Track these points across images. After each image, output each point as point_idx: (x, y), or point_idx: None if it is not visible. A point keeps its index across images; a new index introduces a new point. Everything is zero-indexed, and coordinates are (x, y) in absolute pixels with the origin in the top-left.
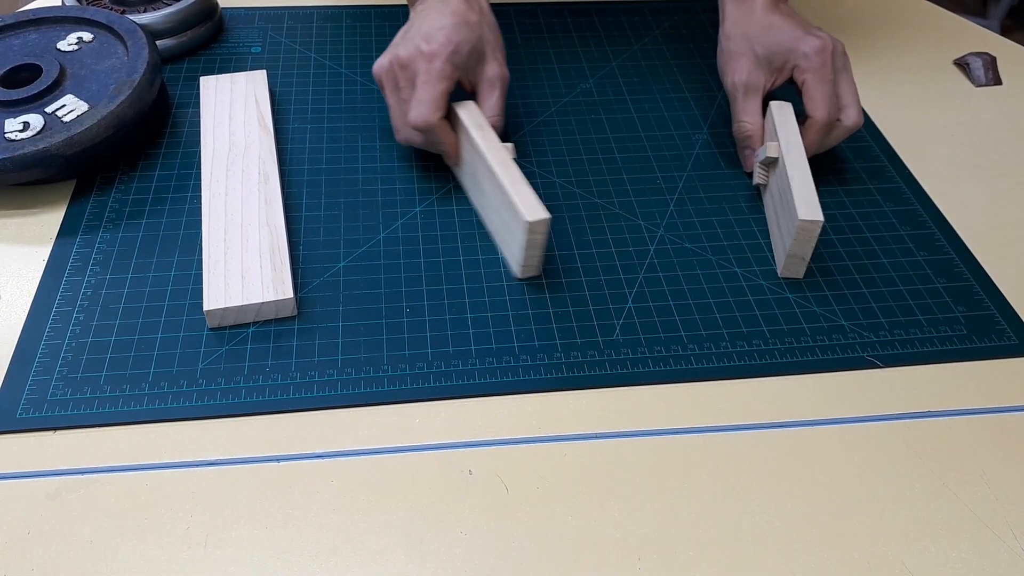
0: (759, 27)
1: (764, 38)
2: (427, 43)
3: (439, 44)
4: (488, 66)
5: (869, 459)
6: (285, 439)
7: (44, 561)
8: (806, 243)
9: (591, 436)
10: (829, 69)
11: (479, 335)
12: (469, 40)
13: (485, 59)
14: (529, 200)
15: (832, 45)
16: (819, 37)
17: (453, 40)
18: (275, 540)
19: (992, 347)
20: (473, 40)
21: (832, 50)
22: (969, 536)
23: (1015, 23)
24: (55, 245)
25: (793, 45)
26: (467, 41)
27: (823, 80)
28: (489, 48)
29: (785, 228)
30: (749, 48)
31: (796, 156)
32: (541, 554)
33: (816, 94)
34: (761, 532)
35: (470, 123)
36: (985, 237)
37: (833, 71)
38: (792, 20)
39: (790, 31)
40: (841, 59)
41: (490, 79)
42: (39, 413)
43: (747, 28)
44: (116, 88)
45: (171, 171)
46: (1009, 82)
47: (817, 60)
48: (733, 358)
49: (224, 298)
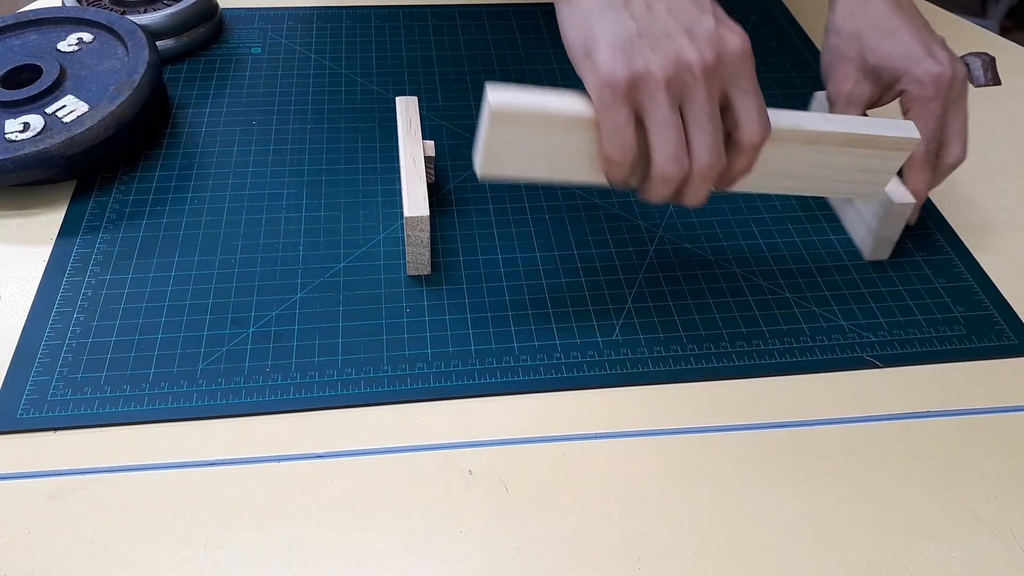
0: (876, 28)
1: (879, 44)
2: (728, 29)
3: (738, 28)
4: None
5: (869, 459)
6: (285, 439)
7: (44, 561)
8: (897, 225)
9: (591, 436)
10: (941, 103)
11: (479, 335)
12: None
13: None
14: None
15: (952, 72)
16: (939, 61)
17: (722, 11)
18: (275, 540)
19: (991, 347)
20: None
21: (951, 79)
22: (969, 536)
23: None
24: (55, 245)
25: (908, 65)
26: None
27: (930, 115)
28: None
29: (868, 213)
30: (859, 53)
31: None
32: (541, 554)
33: (921, 130)
34: (761, 532)
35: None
36: (984, 237)
37: (945, 102)
38: (913, 26)
39: (910, 44)
40: (959, 87)
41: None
42: (39, 413)
43: (860, 25)
44: (116, 89)
45: (171, 171)
46: (1008, 82)
47: (931, 90)
48: (733, 358)
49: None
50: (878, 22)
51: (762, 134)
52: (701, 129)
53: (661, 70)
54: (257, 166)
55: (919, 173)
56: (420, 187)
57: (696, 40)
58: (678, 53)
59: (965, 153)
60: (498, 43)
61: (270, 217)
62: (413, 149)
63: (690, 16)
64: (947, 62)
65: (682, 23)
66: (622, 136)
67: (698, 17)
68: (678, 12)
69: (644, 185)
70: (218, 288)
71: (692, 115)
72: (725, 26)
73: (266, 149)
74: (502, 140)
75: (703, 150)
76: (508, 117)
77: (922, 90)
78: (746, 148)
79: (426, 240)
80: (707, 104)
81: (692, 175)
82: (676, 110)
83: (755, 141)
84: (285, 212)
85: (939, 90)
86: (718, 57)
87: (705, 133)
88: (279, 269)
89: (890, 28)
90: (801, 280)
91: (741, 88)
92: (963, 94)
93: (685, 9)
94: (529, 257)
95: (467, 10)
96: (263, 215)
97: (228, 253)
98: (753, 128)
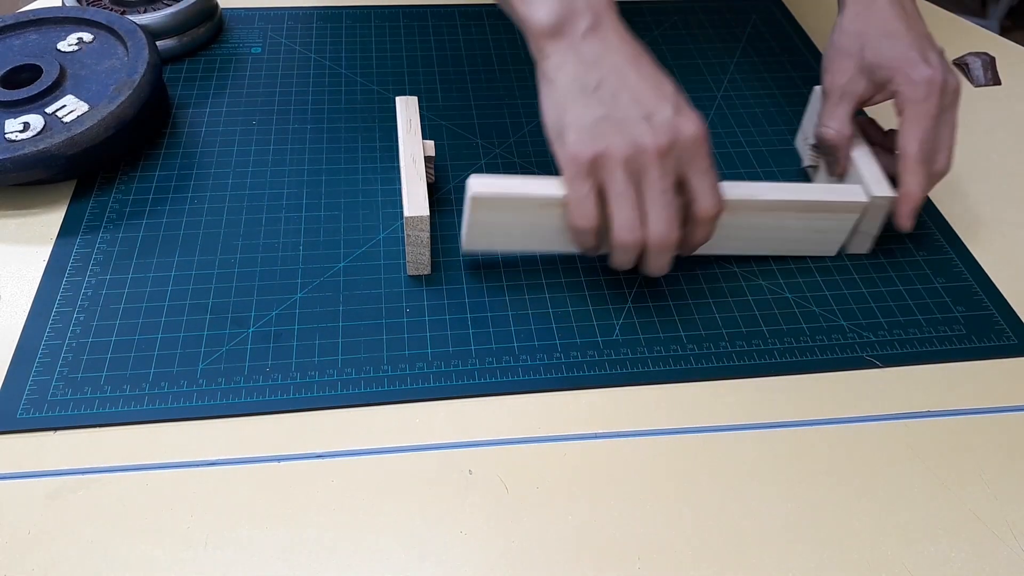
0: (877, 30)
1: (879, 44)
2: (684, 118)
3: (694, 116)
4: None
5: (869, 459)
6: (285, 439)
7: (44, 561)
8: (876, 219)
9: (591, 436)
10: (935, 104)
11: (479, 335)
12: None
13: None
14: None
15: (944, 79)
16: (932, 66)
17: (683, 99)
18: (275, 540)
19: (991, 347)
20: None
21: (943, 84)
22: (969, 536)
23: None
24: (55, 245)
25: (903, 66)
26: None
27: (925, 115)
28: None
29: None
30: (859, 50)
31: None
32: (541, 554)
33: (913, 130)
34: (761, 532)
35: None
36: (984, 237)
37: (938, 107)
38: (914, 33)
39: (907, 48)
40: (950, 97)
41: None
42: (39, 413)
43: (864, 26)
44: (116, 88)
45: (171, 171)
46: (1008, 82)
47: (923, 92)
48: (732, 358)
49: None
50: (881, 25)
51: (715, 208)
52: (654, 203)
53: (620, 151)
54: (257, 166)
55: (913, 174)
56: (420, 187)
57: (654, 126)
58: (636, 137)
59: (950, 164)
60: (498, 43)
61: (270, 217)
62: (413, 149)
63: (651, 104)
64: (940, 68)
65: (643, 110)
66: (584, 206)
67: (657, 105)
68: (641, 100)
69: (610, 253)
70: (218, 288)
71: (647, 191)
72: (682, 114)
73: (266, 149)
74: (483, 221)
75: (656, 222)
76: (486, 201)
77: (915, 91)
78: (702, 220)
79: (426, 240)
80: (659, 182)
81: (649, 244)
82: (632, 186)
83: (709, 214)
84: (285, 212)
85: (931, 93)
86: (672, 141)
87: (657, 207)
88: (279, 269)
89: (891, 31)
90: (801, 280)
91: (696, 168)
92: (954, 104)
93: (647, 98)
94: (529, 257)
95: (467, 10)
96: (263, 215)
97: (228, 253)
98: (707, 203)
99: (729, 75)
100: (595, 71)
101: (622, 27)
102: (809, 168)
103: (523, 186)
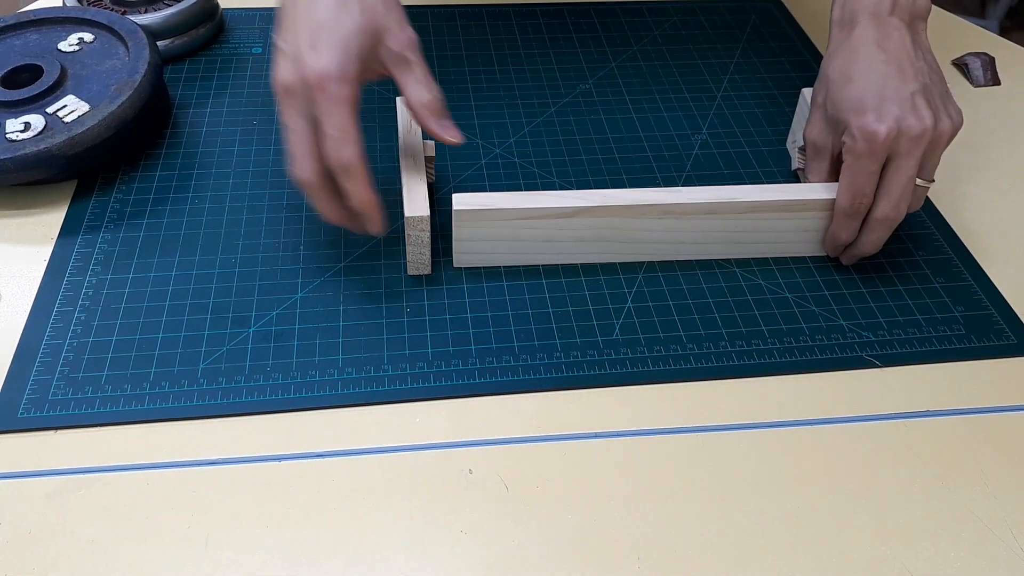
0: (840, 74)
1: (837, 91)
2: (311, 55)
3: (325, 59)
4: (390, 40)
5: (868, 459)
6: (285, 439)
7: (44, 561)
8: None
9: (591, 436)
10: (873, 160)
11: (479, 335)
12: (357, 26)
13: (382, 34)
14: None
15: (898, 128)
16: (884, 116)
17: (339, 41)
18: (275, 540)
19: (991, 347)
20: (360, 21)
21: (890, 137)
22: (969, 536)
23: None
24: (56, 245)
25: (850, 116)
26: (355, 31)
27: (861, 170)
28: (380, 15)
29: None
30: (824, 99)
31: None
32: (541, 554)
33: (844, 181)
34: (761, 532)
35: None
36: (984, 237)
37: (882, 159)
38: (879, 75)
39: (862, 95)
40: (907, 144)
41: (399, 55)
42: (40, 413)
43: (831, 70)
44: (117, 88)
45: (172, 171)
46: (1008, 82)
47: (862, 146)
48: (732, 358)
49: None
50: (844, 67)
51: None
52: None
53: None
54: (258, 166)
55: (839, 225)
56: (421, 187)
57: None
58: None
59: (896, 211)
60: (498, 43)
61: (271, 217)
62: (413, 149)
63: (940, 89)
64: (894, 118)
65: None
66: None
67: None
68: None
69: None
70: (219, 288)
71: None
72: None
73: (267, 149)
74: (469, 236)
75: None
76: (470, 217)
77: (853, 144)
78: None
79: (426, 240)
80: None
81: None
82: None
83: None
84: (286, 212)
85: (871, 150)
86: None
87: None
88: (280, 269)
89: (850, 76)
90: (801, 280)
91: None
92: (913, 151)
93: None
94: None
95: (467, 10)
96: (264, 215)
97: (229, 253)
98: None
99: (729, 75)
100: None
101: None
102: (799, 171)
103: (505, 200)
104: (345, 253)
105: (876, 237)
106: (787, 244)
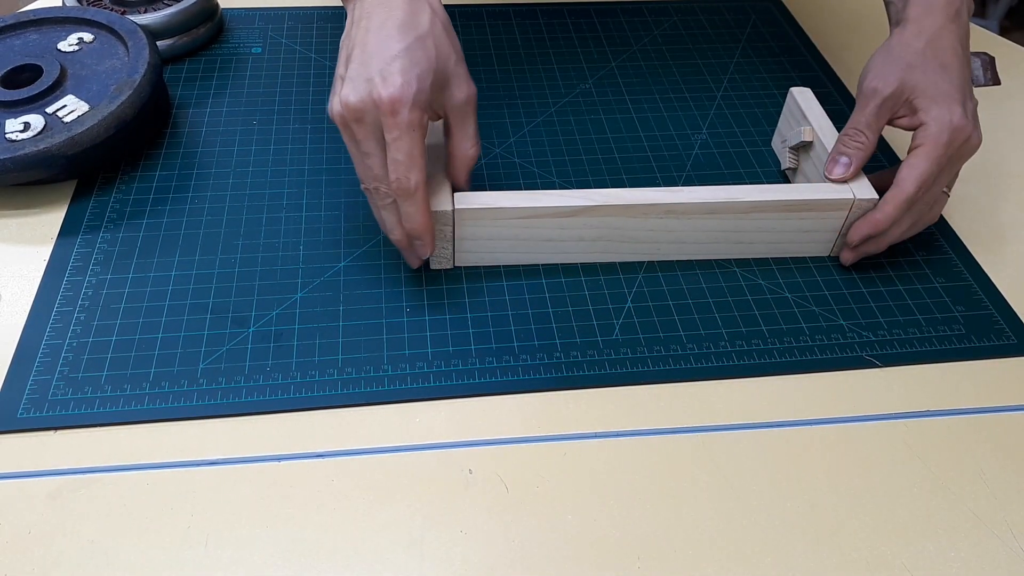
0: (935, 58)
1: (932, 72)
2: (384, 83)
3: (398, 86)
4: (456, 88)
5: (868, 459)
6: (285, 439)
7: (44, 561)
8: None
9: (591, 436)
10: (948, 155)
11: (479, 334)
12: (430, 64)
13: (450, 81)
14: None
15: (969, 133)
16: (967, 115)
17: (414, 73)
18: (275, 540)
19: (991, 347)
20: (434, 62)
21: (965, 138)
22: (968, 536)
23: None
24: (56, 245)
25: (943, 104)
26: (429, 69)
27: (936, 159)
28: (452, 63)
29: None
30: (909, 68)
31: (832, 139)
32: (541, 554)
33: (919, 166)
34: (761, 532)
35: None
36: (984, 237)
37: (950, 159)
38: (963, 75)
39: (953, 88)
40: (966, 150)
41: (461, 105)
42: (40, 413)
43: (927, 48)
44: (117, 88)
45: (172, 171)
46: (1008, 82)
47: (947, 136)
48: (732, 358)
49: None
50: (940, 55)
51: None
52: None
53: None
54: (257, 166)
55: (893, 205)
56: (444, 183)
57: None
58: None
59: (932, 214)
60: (498, 43)
61: (271, 216)
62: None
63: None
64: (971, 122)
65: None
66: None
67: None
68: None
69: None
70: (219, 288)
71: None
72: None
73: (266, 149)
74: (468, 235)
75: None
76: (469, 216)
77: (940, 133)
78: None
79: (450, 235)
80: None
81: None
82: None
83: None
84: (286, 212)
85: (953, 141)
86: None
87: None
88: (279, 269)
89: (947, 65)
90: (801, 280)
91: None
92: (964, 158)
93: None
94: None
95: (467, 10)
96: (264, 215)
97: (229, 252)
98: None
99: (729, 75)
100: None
101: None
102: (788, 171)
103: (505, 200)
104: (345, 253)
105: (902, 231)
106: (787, 244)
